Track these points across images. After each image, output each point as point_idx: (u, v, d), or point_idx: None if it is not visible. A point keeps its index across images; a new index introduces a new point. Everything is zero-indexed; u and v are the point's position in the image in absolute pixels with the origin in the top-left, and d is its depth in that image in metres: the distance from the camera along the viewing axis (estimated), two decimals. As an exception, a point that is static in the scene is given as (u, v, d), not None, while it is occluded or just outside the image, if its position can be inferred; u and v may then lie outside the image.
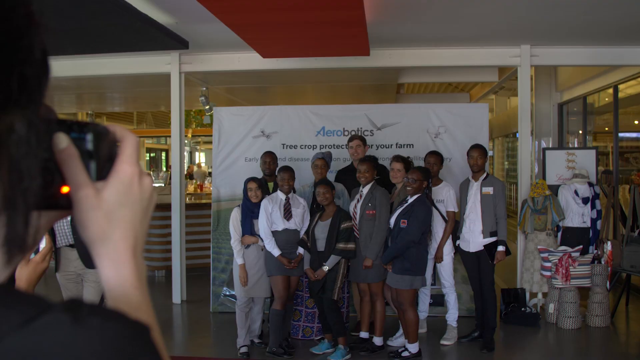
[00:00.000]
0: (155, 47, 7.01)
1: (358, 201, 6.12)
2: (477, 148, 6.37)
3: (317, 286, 5.91)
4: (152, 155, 30.53)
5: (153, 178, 11.92)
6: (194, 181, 16.52)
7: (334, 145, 7.66)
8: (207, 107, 10.91)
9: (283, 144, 7.80)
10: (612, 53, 7.87)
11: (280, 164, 7.05)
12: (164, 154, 30.33)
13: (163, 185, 11.11)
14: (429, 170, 6.09)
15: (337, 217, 5.92)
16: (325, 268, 5.84)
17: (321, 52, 7.56)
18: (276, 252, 5.95)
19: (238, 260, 6.10)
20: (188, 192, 15.16)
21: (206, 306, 7.91)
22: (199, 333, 7.31)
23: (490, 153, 17.54)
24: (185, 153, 33.35)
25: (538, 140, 11.07)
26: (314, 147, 7.67)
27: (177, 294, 8.42)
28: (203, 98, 10.82)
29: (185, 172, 22.18)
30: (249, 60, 8.23)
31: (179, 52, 8.28)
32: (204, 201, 12.27)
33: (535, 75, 10.87)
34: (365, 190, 6.11)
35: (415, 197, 5.82)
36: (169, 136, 25.06)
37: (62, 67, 8.77)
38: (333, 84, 11.67)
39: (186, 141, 32.00)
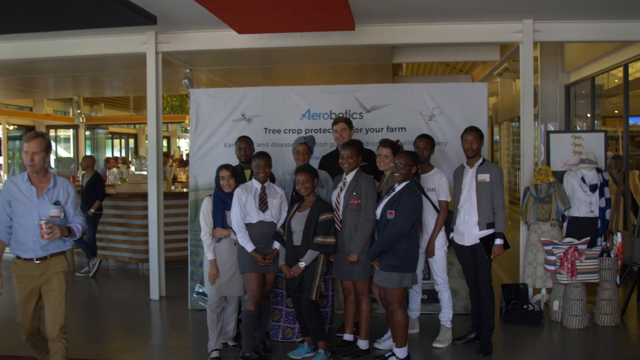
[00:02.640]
0: (119, 23, 6.43)
1: (341, 190, 5.55)
2: (472, 131, 5.76)
3: (294, 284, 5.35)
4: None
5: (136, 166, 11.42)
6: (187, 169, 15.94)
7: (320, 129, 7.10)
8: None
9: (265, 128, 7.25)
10: (622, 28, 7.25)
11: (263, 149, 6.53)
12: (165, 141, 29.86)
13: (146, 173, 10.54)
14: (417, 154, 5.48)
15: (316, 208, 5.35)
16: (302, 264, 5.27)
17: (301, 27, 6.95)
18: (249, 247, 5.39)
19: (208, 255, 5.55)
20: (180, 179, 14.65)
21: (186, 303, 7.41)
22: (175, 333, 6.79)
23: (495, 138, 17.22)
24: (186, 140, 33.19)
25: (544, 124, 10.51)
26: (299, 131, 7.12)
27: (155, 290, 7.92)
28: (186, 80, 10.27)
29: (185, 159, 21.71)
30: (230, 38, 7.66)
31: (155, 31, 7.76)
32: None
33: (541, 55, 10.36)
34: (349, 177, 5.54)
35: (403, 184, 5.23)
36: (170, 122, 24.63)
37: (32, 48, 8.32)
38: (329, 65, 11.05)
39: (188, 128, 31.70)
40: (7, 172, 18.71)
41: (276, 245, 5.49)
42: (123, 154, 25.71)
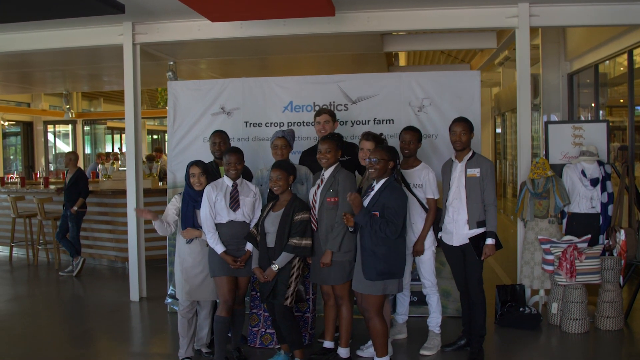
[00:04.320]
0: (85, 13, 6.03)
1: (319, 187, 5.16)
2: (460, 122, 5.32)
3: (268, 289, 4.96)
4: (154, 137, 29.74)
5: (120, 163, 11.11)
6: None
7: (303, 122, 6.73)
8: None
9: (246, 122, 6.87)
10: (625, 11, 6.79)
11: (244, 144, 6.19)
12: (167, 136, 29.49)
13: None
14: (395, 148, 5.02)
15: (291, 208, 4.96)
16: (275, 267, 4.88)
17: (277, 13, 6.52)
18: (219, 248, 5.01)
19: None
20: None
21: (165, 305, 7.06)
22: (151, 338, 6.46)
23: (497, 130, 16.76)
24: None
25: (547, 115, 10.07)
26: (281, 124, 6.74)
27: (135, 291, 7.58)
28: (170, 73, 9.90)
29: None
30: (209, 28, 7.32)
31: (132, 22, 7.39)
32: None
33: (542, 43, 9.94)
34: (327, 173, 5.15)
35: (382, 182, 4.81)
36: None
37: (6, 41, 8.04)
38: (322, 54, 10.64)
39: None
40: (3, 169, 18.41)
41: (249, 246, 5.11)
42: (124, 149, 25.37)
